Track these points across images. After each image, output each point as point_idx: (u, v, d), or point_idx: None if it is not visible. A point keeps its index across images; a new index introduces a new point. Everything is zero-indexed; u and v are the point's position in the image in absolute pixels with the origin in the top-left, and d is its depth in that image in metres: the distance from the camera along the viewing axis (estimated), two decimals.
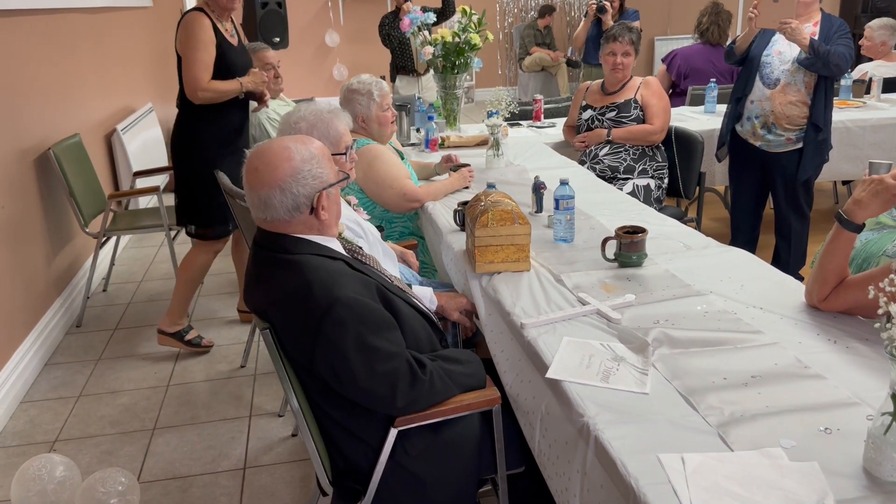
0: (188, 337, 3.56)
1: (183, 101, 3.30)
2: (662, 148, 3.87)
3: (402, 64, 6.01)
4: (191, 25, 3.14)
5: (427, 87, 6.05)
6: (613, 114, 3.84)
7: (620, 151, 3.80)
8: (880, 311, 1.26)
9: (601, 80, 4.02)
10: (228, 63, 3.25)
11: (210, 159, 3.29)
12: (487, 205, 2.25)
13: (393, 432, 1.77)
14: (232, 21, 3.40)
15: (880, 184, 1.73)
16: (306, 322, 1.69)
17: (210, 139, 3.33)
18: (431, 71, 6.07)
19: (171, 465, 2.77)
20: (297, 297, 1.70)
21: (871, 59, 5.32)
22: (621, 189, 3.51)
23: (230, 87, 3.26)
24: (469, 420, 1.88)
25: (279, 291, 1.75)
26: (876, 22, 5.23)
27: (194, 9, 3.21)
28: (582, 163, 3.86)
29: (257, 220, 1.82)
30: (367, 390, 1.71)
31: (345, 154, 2.29)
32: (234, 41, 3.35)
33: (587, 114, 3.96)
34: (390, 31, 5.98)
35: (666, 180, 3.86)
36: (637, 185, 3.75)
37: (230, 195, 3.05)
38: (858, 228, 1.78)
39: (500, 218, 2.21)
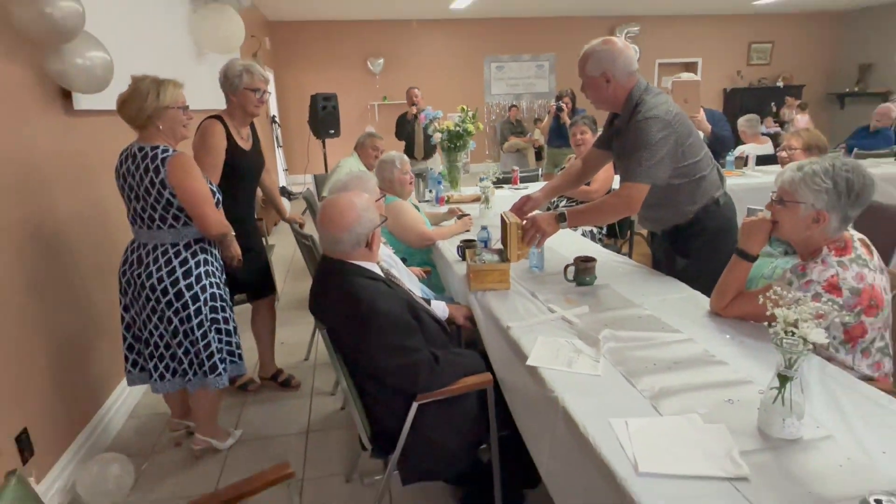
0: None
1: None
2: None
3: (409, 152, 6.04)
4: (205, 131, 2.60)
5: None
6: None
7: (573, 205, 3.76)
8: (768, 313, 1.25)
9: None
10: (236, 165, 2.65)
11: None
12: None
13: (414, 406, 1.73)
14: (252, 126, 2.80)
15: (762, 223, 1.73)
16: (356, 327, 1.68)
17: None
18: (435, 155, 6.09)
19: (259, 428, 2.72)
20: (351, 309, 1.69)
21: (744, 143, 5.42)
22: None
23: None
24: (469, 398, 1.85)
25: (337, 303, 1.74)
26: (742, 118, 5.44)
27: (213, 116, 2.66)
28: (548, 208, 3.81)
29: (325, 251, 1.82)
30: (398, 376, 1.70)
31: (383, 198, 2.38)
32: (248, 145, 2.74)
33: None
34: (402, 127, 6.04)
35: (604, 230, 3.84)
36: (584, 230, 3.72)
37: (300, 237, 3.04)
38: (754, 258, 1.78)
39: None
